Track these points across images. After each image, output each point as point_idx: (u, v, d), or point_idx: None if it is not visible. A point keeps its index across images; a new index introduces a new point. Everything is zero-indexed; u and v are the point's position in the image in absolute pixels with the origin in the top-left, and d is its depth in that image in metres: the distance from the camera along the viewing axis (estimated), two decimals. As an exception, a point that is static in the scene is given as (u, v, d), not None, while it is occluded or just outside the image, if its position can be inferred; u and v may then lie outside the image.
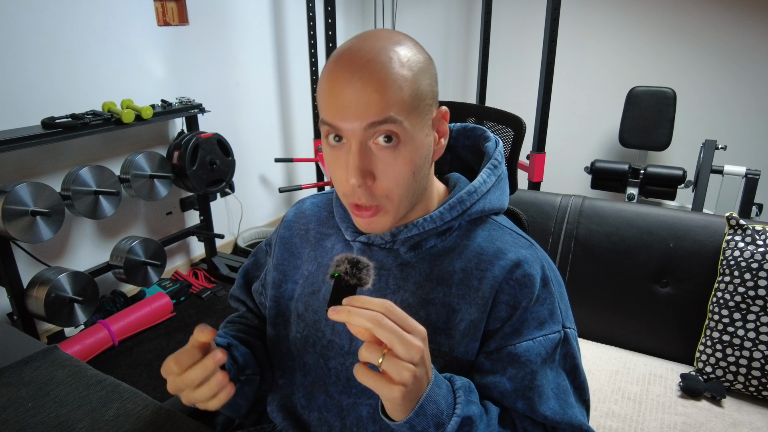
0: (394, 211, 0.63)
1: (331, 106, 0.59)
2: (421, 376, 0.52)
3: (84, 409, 0.74)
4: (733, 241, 1.18)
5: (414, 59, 0.61)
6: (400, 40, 0.61)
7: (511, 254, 0.67)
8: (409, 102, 0.59)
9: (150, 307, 2.30)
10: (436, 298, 0.67)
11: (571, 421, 0.65)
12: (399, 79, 0.58)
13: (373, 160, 0.60)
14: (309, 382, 0.74)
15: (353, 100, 0.57)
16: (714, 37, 2.83)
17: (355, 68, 0.58)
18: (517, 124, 0.88)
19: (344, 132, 0.59)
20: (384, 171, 0.60)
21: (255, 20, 2.99)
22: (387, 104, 0.57)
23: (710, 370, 1.18)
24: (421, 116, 0.61)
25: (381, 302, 0.51)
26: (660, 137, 2.85)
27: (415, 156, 0.61)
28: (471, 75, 3.53)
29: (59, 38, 2.08)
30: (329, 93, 0.59)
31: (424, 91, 0.61)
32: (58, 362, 0.85)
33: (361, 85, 0.57)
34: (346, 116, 0.58)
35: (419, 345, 0.51)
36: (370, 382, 0.51)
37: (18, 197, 1.79)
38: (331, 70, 0.60)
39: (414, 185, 0.63)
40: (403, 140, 0.60)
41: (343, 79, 0.58)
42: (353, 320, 0.50)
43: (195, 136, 2.43)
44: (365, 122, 0.58)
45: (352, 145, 0.59)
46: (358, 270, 0.55)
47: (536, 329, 0.66)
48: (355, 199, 0.62)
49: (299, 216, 0.82)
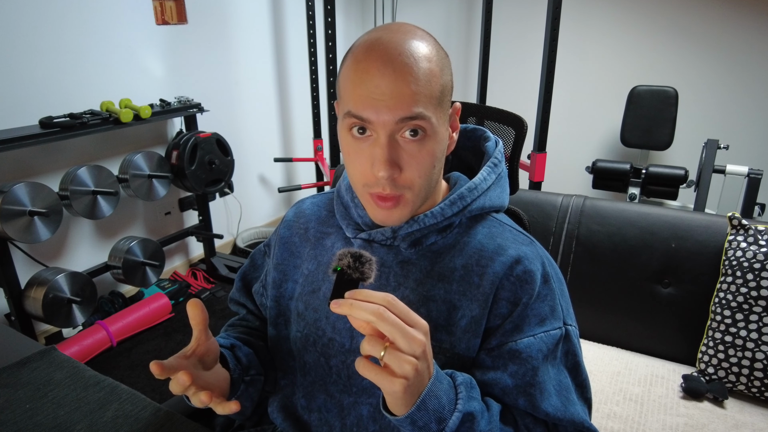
0: (413, 201, 0.64)
1: (362, 98, 0.59)
2: (422, 370, 0.52)
3: (82, 411, 0.74)
4: (736, 241, 1.18)
5: (438, 54, 0.62)
6: (422, 35, 0.62)
7: (511, 251, 0.67)
8: (437, 97, 0.61)
9: (148, 308, 2.30)
10: (436, 294, 0.67)
11: (572, 418, 0.65)
12: (429, 74, 0.59)
13: (399, 152, 0.61)
14: (309, 382, 0.74)
15: (386, 93, 0.57)
16: (716, 36, 2.83)
17: (387, 59, 0.58)
18: (518, 124, 0.88)
19: (373, 125, 0.59)
20: (409, 162, 0.61)
21: (254, 19, 2.99)
22: (419, 99, 0.58)
23: (712, 371, 1.17)
24: (444, 111, 0.63)
25: (383, 296, 0.51)
26: (662, 137, 2.84)
27: (437, 149, 0.63)
28: (472, 74, 3.53)
29: (57, 37, 2.07)
30: (359, 84, 0.59)
31: (447, 86, 0.63)
32: (56, 363, 0.84)
33: (395, 78, 0.57)
34: (379, 109, 0.58)
35: (421, 339, 0.52)
36: (371, 375, 0.51)
37: (15, 197, 1.79)
38: (360, 61, 0.59)
39: (433, 177, 0.65)
40: (429, 134, 0.61)
41: (374, 70, 0.58)
42: (355, 313, 0.50)
43: (194, 135, 2.42)
44: (397, 116, 0.58)
45: (380, 137, 0.60)
46: (361, 264, 0.55)
47: (537, 326, 0.66)
48: (379, 189, 0.62)
49: (299, 216, 0.82)
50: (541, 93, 2.44)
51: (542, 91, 2.42)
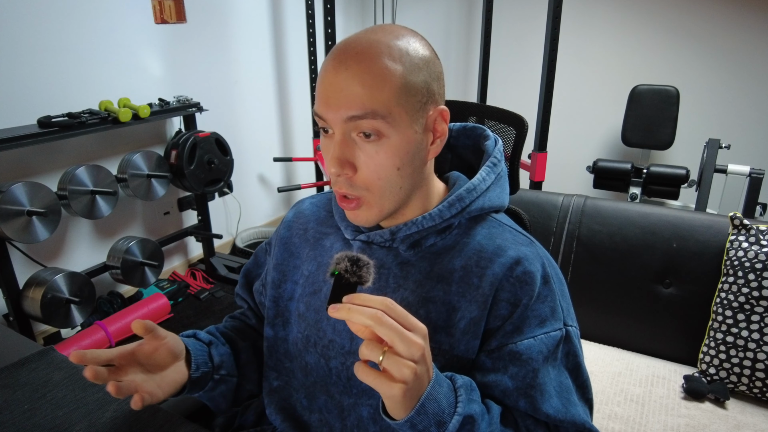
0: (377, 204, 0.64)
1: (319, 95, 0.61)
2: (421, 373, 0.52)
3: (81, 411, 0.74)
4: (737, 241, 1.17)
5: (410, 54, 0.60)
6: (401, 35, 0.61)
7: (511, 251, 0.67)
8: (396, 97, 0.59)
9: (147, 308, 2.29)
10: (436, 296, 0.67)
11: (574, 419, 0.64)
12: (386, 73, 0.58)
13: (355, 152, 0.61)
14: (310, 382, 0.74)
15: (336, 90, 0.59)
16: (718, 35, 2.82)
17: (343, 60, 0.59)
18: (518, 123, 0.88)
19: (329, 122, 0.61)
20: (365, 163, 0.61)
21: (254, 18, 2.98)
22: (369, 99, 0.58)
23: (714, 371, 1.17)
24: (410, 112, 0.61)
25: (381, 300, 0.51)
26: (663, 136, 2.84)
27: (400, 151, 0.61)
28: (472, 73, 3.53)
29: (55, 36, 2.07)
30: (319, 82, 0.61)
31: (416, 87, 0.60)
32: (54, 364, 0.84)
33: (345, 77, 0.58)
34: (330, 106, 0.60)
35: (420, 342, 0.51)
36: (370, 379, 0.51)
37: (14, 197, 1.78)
38: (326, 60, 0.62)
39: (399, 181, 0.63)
40: (387, 135, 0.60)
41: (331, 69, 0.59)
42: (353, 317, 0.50)
43: (193, 135, 2.42)
44: (345, 114, 0.59)
45: (336, 135, 0.61)
46: (359, 268, 0.55)
47: (537, 327, 0.65)
48: (337, 188, 0.64)
49: (298, 216, 0.82)
50: (541, 92, 2.43)
51: (543, 90, 2.42)
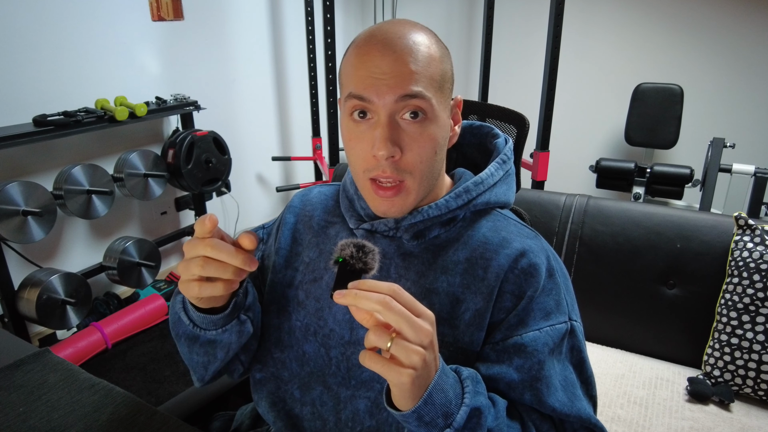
0: (415, 190, 0.64)
1: (362, 78, 0.60)
2: (430, 361, 0.51)
3: (76, 414, 0.73)
4: (742, 241, 1.17)
5: (438, 44, 0.65)
6: (423, 28, 0.65)
7: (516, 243, 0.68)
8: (438, 80, 0.62)
9: (144, 309, 2.28)
10: (439, 287, 0.67)
11: (579, 414, 0.64)
12: (429, 58, 0.62)
13: (400, 134, 0.61)
14: (306, 373, 0.73)
15: (387, 72, 0.59)
16: (722, 33, 2.82)
17: (388, 43, 0.60)
18: (520, 122, 0.88)
19: (374, 105, 0.61)
20: (410, 145, 0.62)
21: (252, 16, 2.97)
22: (419, 78, 0.60)
23: (718, 373, 1.16)
24: (445, 97, 0.64)
25: (389, 285, 0.51)
26: (667, 135, 2.84)
27: (439, 134, 0.64)
28: (473, 72, 3.52)
29: (51, 34, 2.05)
30: (360, 66, 0.61)
31: (448, 74, 0.65)
32: (49, 366, 0.84)
33: (394, 59, 0.60)
34: (380, 88, 0.60)
35: (428, 328, 0.51)
36: (378, 366, 0.50)
37: (9, 197, 1.77)
38: (361, 46, 0.62)
39: (435, 165, 0.65)
40: (430, 117, 0.62)
41: (376, 52, 0.60)
42: (360, 303, 0.49)
43: (190, 134, 2.41)
44: (397, 94, 0.59)
45: (380, 117, 0.61)
46: (364, 254, 0.54)
47: (542, 319, 0.65)
48: (379, 171, 0.62)
49: (305, 203, 0.81)
50: (543, 90, 2.42)
51: (545, 89, 2.41)
